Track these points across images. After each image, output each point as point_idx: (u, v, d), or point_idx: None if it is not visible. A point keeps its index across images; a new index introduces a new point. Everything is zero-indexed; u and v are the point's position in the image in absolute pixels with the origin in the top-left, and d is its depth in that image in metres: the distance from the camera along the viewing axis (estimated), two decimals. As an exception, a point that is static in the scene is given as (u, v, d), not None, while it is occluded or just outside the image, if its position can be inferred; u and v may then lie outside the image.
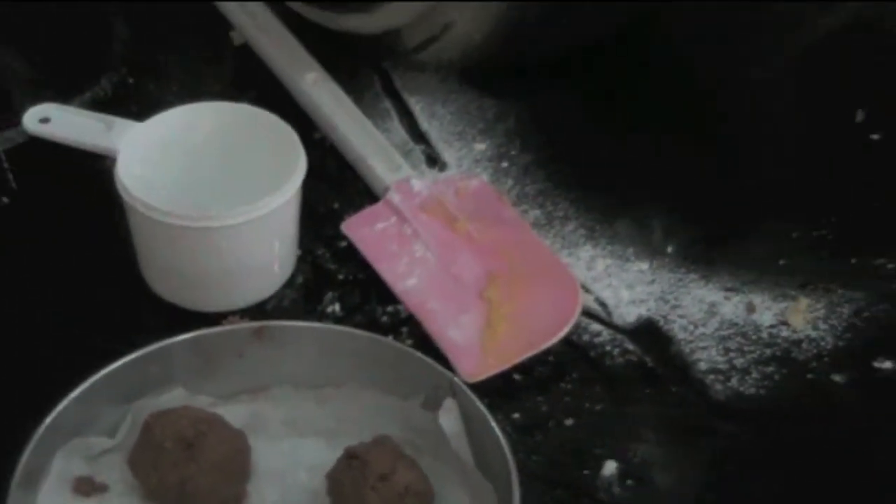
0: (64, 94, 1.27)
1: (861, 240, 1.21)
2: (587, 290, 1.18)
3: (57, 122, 1.20)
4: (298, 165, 1.14)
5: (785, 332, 1.15)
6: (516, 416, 1.09)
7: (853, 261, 1.19)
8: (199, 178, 1.17)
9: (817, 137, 1.31)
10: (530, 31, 1.28)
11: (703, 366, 1.13)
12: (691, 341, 1.15)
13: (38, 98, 1.23)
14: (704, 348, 1.14)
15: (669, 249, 1.22)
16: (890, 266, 1.19)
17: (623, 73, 1.34)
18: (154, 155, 1.16)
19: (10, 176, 1.25)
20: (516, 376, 1.11)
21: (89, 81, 1.29)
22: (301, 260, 1.19)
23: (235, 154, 1.18)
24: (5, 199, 1.24)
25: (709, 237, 1.22)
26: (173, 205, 1.12)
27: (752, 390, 1.12)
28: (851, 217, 1.22)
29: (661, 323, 1.16)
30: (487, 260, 1.18)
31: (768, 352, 1.14)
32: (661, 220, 1.24)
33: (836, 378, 1.12)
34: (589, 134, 1.30)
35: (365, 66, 1.33)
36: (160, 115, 1.18)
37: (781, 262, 1.19)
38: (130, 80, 1.30)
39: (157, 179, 1.15)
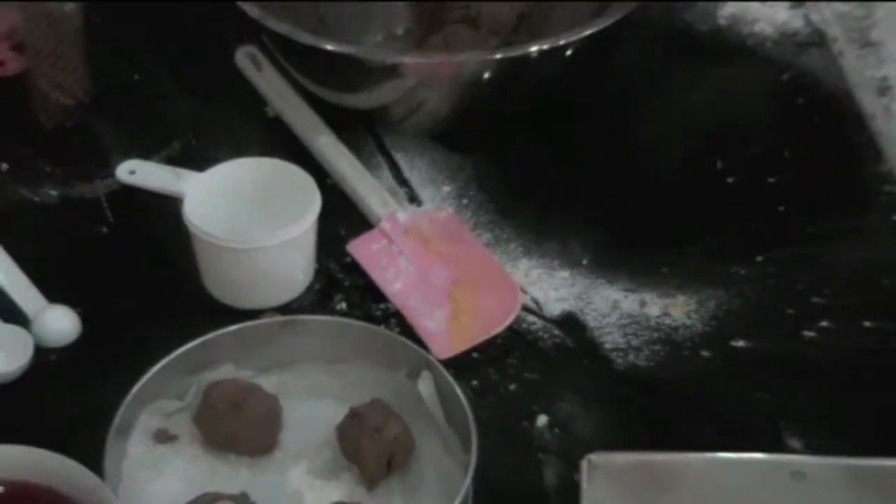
0: (146, 153, 1.27)
1: (720, 254, 1.20)
2: (524, 292, 1.17)
3: (141, 173, 1.22)
4: (315, 203, 1.14)
5: (668, 321, 1.15)
6: (474, 383, 1.09)
7: (716, 269, 1.19)
8: (243, 212, 1.16)
9: (690, 180, 1.30)
10: (479, 107, 1.28)
11: (608, 346, 1.13)
12: (600, 328, 1.14)
13: (127, 155, 1.25)
14: (609, 333, 1.14)
15: (584, 262, 1.20)
16: (741, 272, 1.19)
17: (545, 135, 1.33)
18: (211, 196, 1.16)
19: (108, 213, 1.24)
20: (474, 354, 1.11)
21: (165, 144, 1.29)
22: (318, 271, 1.19)
23: (269, 195, 1.17)
24: (105, 230, 1.24)
25: (613, 252, 1.21)
26: (225, 232, 1.12)
27: (644, 363, 1.11)
28: (713, 238, 1.22)
29: (579, 315, 1.15)
30: (452, 270, 1.18)
31: (655, 335, 1.13)
32: (579, 240, 1.22)
33: (704, 353, 1.12)
34: (525, 178, 1.29)
35: (363, 131, 1.32)
36: (215, 167, 1.18)
37: (664, 269, 1.19)
38: (194, 142, 1.29)
39: (213, 214, 1.14)
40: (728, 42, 1.45)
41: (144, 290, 1.19)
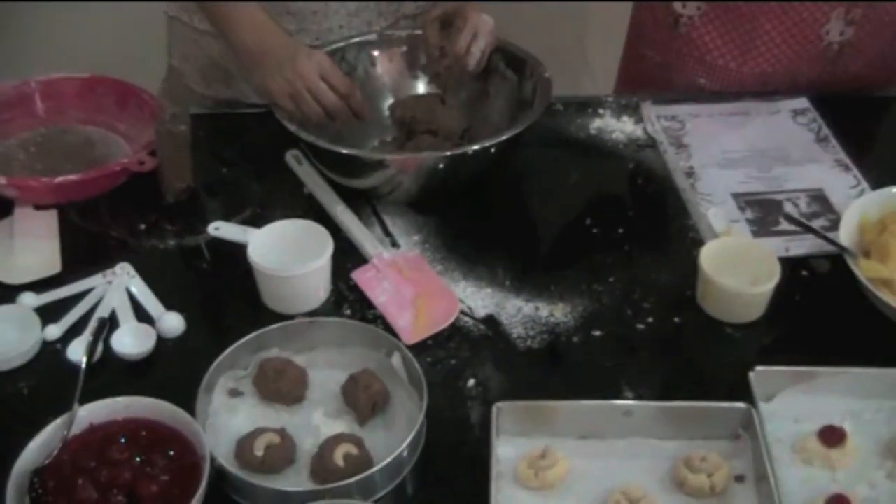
0: (228, 217, 1.25)
1: (587, 277, 1.20)
2: (462, 302, 1.17)
3: (223, 229, 1.20)
4: (329, 247, 1.14)
5: (552, 319, 1.15)
6: (428, 359, 1.09)
7: (584, 286, 1.19)
8: (285, 253, 1.14)
9: (569, 230, 1.30)
10: (436, 186, 1.27)
11: (514, 336, 1.13)
12: (509, 324, 1.14)
13: (215, 218, 1.23)
14: (515, 327, 1.14)
15: (507, 283, 1.19)
16: (600, 288, 1.19)
17: (478, 201, 1.31)
18: (265, 243, 1.15)
19: (206, 254, 1.23)
20: (429, 341, 1.12)
21: (240, 211, 1.28)
22: (332, 290, 1.18)
23: (301, 241, 1.15)
24: (204, 265, 1.22)
25: (519, 276, 1.20)
26: (273, 266, 1.12)
27: (536, 346, 1.12)
28: (583, 266, 1.22)
29: (496, 316, 1.15)
30: (416, 288, 1.17)
31: (544, 328, 1.13)
32: (501, 268, 1.21)
33: (574, 339, 1.13)
34: (465, 229, 1.28)
35: (363, 202, 1.30)
36: (268, 225, 1.17)
37: (552, 287, 1.18)
38: (258, 210, 1.27)
39: (266, 255, 1.13)
40: (595, 144, 1.42)
41: (226, 302, 1.18)
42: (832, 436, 0.99)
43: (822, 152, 1.41)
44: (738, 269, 1.15)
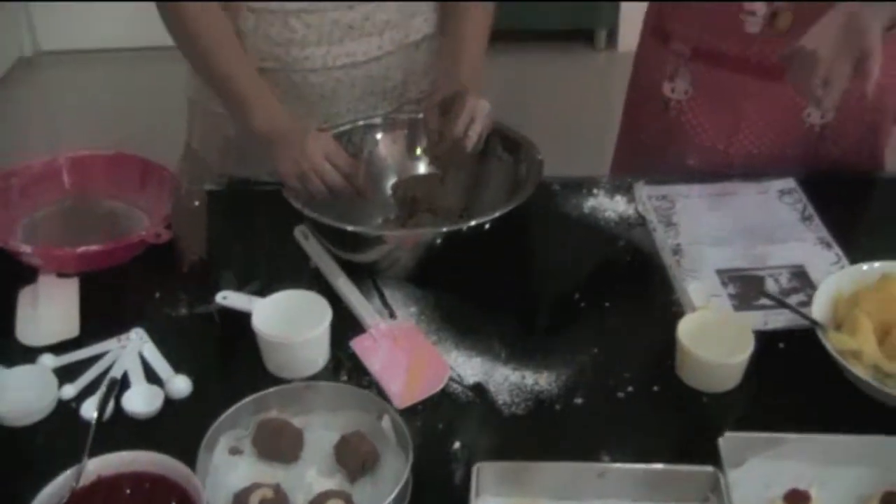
0: (237, 287, 1.29)
1: (570, 348, 1.25)
2: (452, 369, 1.21)
3: (230, 298, 1.26)
4: (328, 316, 1.20)
5: (537, 387, 1.20)
6: (417, 422, 1.14)
7: (568, 356, 1.24)
8: (286, 321, 1.19)
9: (558, 305, 1.36)
10: (432, 261, 1.33)
11: (500, 402, 1.18)
12: (496, 392, 1.19)
13: (226, 288, 1.28)
14: (501, 394, 1.19)
15: (496, 352, 1.24)
16: (584, 358, 1.24)
17: (471, 277, 1.35)
18: (268, 312, 1.20)
19: (217, 318, 1.27)
20: (419, 406, 1.17)
21: (249, 282, 1.32)
22: (332, 356, 1.23)
23: (302, 311, 1.21)
24: (215, 332, 1.27)
25: (511, 348, 1.25)
26: (275, 331, 1.18)
27: (522, 412, 1.17)
28: (567, 338, 1.27)
29: (483, 384, 1.20)
30: (409, 357, 1.22)
31: (529, 396, 1.18)
32: (496, 338, 1.25)
33: (557, 406, 1.18)
34: (459, 304, 1.32)
35: (364, 275, 1.35)
36: (272, 295, 1.23)
37: (539, 357, 1.24)
38: (267, 282, 1.31)
39: (269, 323, 1.19)
40: (589, 222, 1.47)
41: (231, 366, 1.23)
42: (797, 499, 1.05)
43: (805, 230, 1.47)
44: (714, 340, 1.21)
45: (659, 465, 1.06)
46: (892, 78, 1.55)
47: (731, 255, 1.42)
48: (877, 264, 1.32)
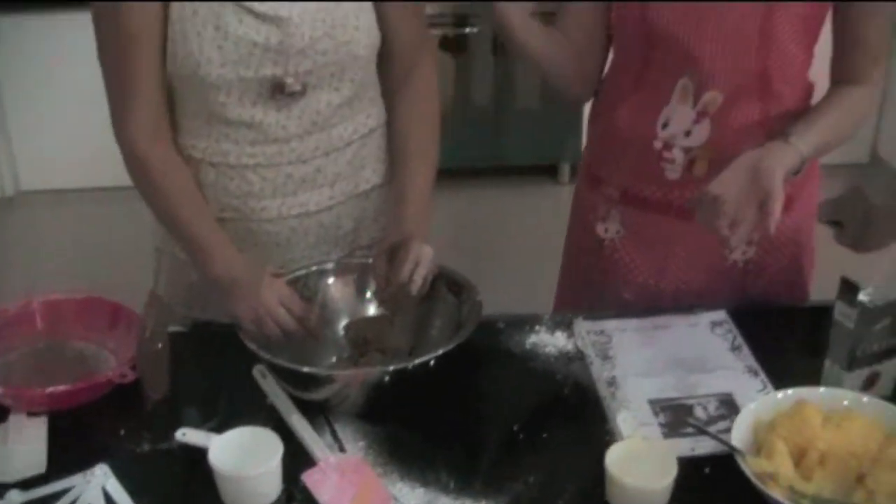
0: (197, 423, 1.36)
1: (511, 475, 1.33)
2: (396, 500, 1.27)
3: (189, 435, 1.32)
4: (279, 452, 1.27)
5: None
6: None
7: (507, 485, 1.32)
8: (240, 455, 1.26)
9: (499, 437, 1.43)
10: (380, 397, 1.41)
11: None
12: None
13: (186, 424, 1.35)
14: None
15: (439, 482, 1.31)
16: (519, 488, 1.31)
17: (417, 412, 1.42)
18: (224, 447, 1.28)
19: (177, 455, 1.35)
20: None
21: (208, 420, 1.39)
22: (283, 490, 1.29)
23: (255, 447, 1.28)
24: (174, 466, 1.33)
25: (453, 478, 1.33)
26: (229, 466, 1.25)
27: None
28: (508, 467, 1.35)
29: None
30: (355, 488, 1.29)
31: None
32: (437, 469, 1.33)
33: None
34: (405, 439, 1.39)
35: (316, 410, 1.41)
36: (228, 432, 1.30)
37: (478, 486, 1.31)
38: (224, 419, 1.37)
39: (224, 457, 1.26)
40: (530, 357, 1.56)
41: (190, 499, 1.31)
42: None
43: (735, 360, 1.58)
44: (641, 467, 1.31)
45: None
46: (808, 216, 1.70)
47: (663, 386, 1.52)
48: (790, 391, 1.43)
